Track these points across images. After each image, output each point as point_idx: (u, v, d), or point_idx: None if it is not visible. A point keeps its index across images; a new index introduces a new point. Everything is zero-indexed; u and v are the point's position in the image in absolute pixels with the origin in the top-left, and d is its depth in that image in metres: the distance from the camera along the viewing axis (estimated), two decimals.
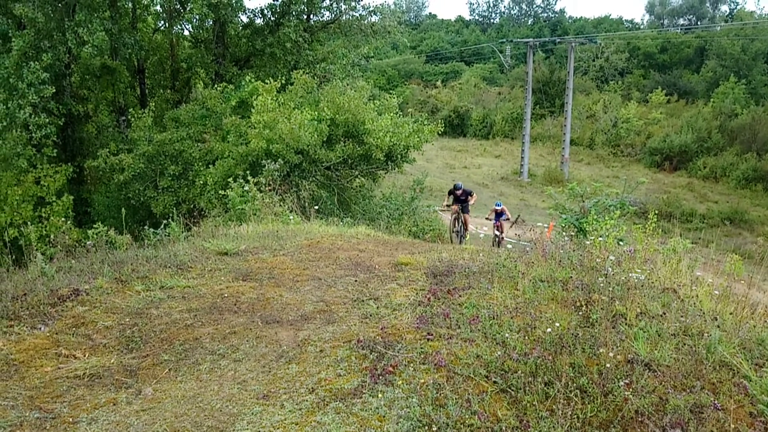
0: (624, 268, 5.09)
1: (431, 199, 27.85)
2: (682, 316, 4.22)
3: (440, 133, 15.93)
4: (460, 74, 66.37)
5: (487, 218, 15.70)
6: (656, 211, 7.47)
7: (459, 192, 13.40)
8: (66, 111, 18.22)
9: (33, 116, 15.64)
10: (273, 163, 11.54)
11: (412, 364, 3.56)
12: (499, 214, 15.20)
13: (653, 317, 4.20)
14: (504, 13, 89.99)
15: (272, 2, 20.83)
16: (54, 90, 16.23)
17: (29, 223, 13.46)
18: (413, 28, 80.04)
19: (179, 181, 15.99)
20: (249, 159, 13.14)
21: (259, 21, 21.46)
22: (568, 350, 3.63)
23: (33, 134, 15.96)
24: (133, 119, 17.66)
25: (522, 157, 38.46)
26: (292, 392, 3.37)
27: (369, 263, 6.33)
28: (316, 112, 13.98)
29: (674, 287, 4.95)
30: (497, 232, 14.71)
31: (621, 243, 6.73)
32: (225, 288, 5.24)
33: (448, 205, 13.90)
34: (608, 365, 3.39)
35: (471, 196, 13.67)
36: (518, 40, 53.03)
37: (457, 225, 13.58)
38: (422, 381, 3.36)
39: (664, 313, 4.27)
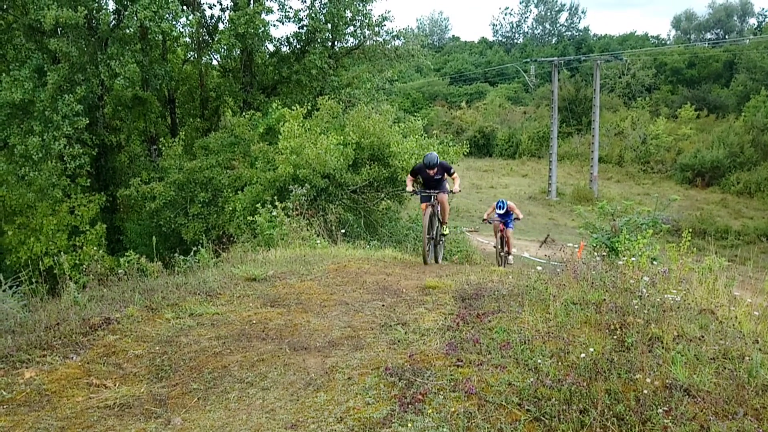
0: (659, 289, 4.95)
1: (458, 220, 27.72)
2: (721, 339, 4.07)
3: (466, 153, 15.91)
4: (484, 95, 66.40)
5: (485, 220, 12.08)
6: (690, 229, 7.29)
7: (432, 171, 8.35)
8: (99, 141, 18.73)
9: (67, 147, 16.11)
10: (300, 187, 11.63)
11: (441, 392, 3.49)
12: (503, 216, 11.51)
13: (691, 340, 4.06)
14: (527, 33, 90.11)
15: (298, 30, 21.22)
16: (88, 121, 16.72)
17: (63, 252, 13.77)
18: (437, 51, 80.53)
19: (209, 208, 16.22)
20: (277, 184, 13.28)
21: (285, 49, 21.87)
22: (604, 376, 3.52)
23: (67, 165, 16.42)
24: (163, 148, 18.05)
25: (550, 176, 38.14)
26: (320, 421, 3.32)
27: (396, 287, 6.29)
28: (342, 137, 14.10)
29: (711, 308, 4.79)
30: (499, 245, 11.67)
31: (654, 262, 6.57)
32: (253, 314, 5.24)
33: (415, 191, 8.76)
34: (645, 391, 3.27)
35: (450, 175, 8.66)
36: (543, 59, 52.95)
37: (433, 224, 8.72)
38: (453, 409, 3.29)
39: (702, 336, 4.13)
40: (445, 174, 8.51)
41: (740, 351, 3.86)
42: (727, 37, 69.89)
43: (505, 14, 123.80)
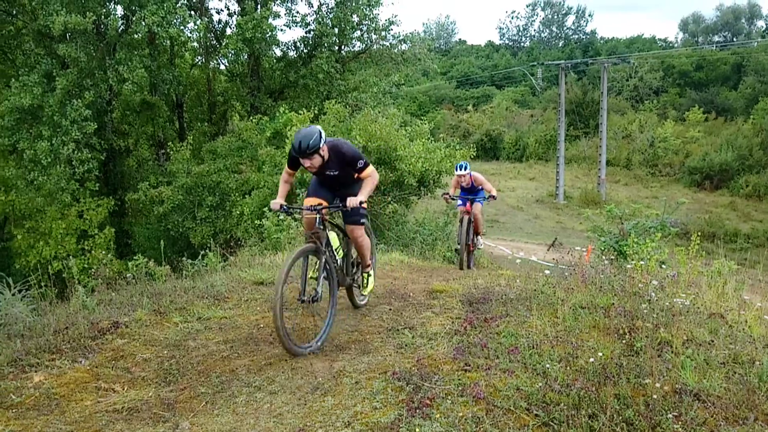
0: (668, 293, 4.92)
1: None
2: (731, 343, 4.04)
3: (473, 157, 15.89)
4: (491, 98, 66.39)
5: (446, 197, 9.31)
6: (699, 232, 7.25)
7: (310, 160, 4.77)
8: (108, 146, 18.84)
9: (76, 152, 16.20)
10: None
11: (449, 397, 3.47)
12: (469, 190, 8.85)
13: (700, 344, 4.03)
14: (534, 36, 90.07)
15: (305, 35, 21.32)
16: (96, 126, 16.82)
17: (72, 255, 13.83)
18: (443, 55, 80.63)
19: (217, 212, 16.28)
20: None
21: (292, 54, 21.97)
22: (613, 381, 3.49)
23: (76, 169, 16.51)
24: (172, 152, 18.13)
25: (557, 179, 38.03)
26: (328, 426, 3.32)
27: (403, 291, 6.28)
28: (349, 140, 14.12)
29: (721, 312, 4.76)
30: (464, 235, 8.75)
31: (663, 266, 6.53)
32: (261, 318, 5.25)
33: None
34: (655, 396, 3.25)
35: (363, 167, 4.92)
36: (550, 62, 52.93)
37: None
38: (461, 414, 3.27)
39: (712, 340, 4.10)
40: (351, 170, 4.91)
41: (750, 355, 3.83)
42: (735, 39, 69.61)
43: (512, 18, 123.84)
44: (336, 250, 4.94)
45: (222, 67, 23.48)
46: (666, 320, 4.34)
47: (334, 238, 4.94)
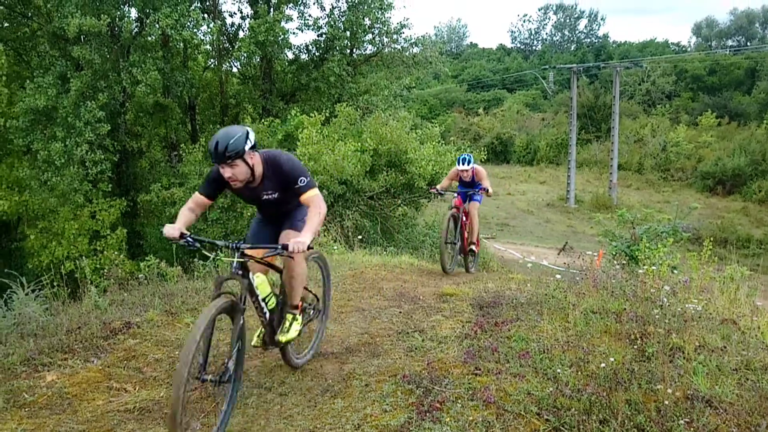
0: (680, 299, 4.89)
1: None
2: (743, 349, 4.01)
3: (483, 160, 15.88)
4: (502, 101, 66.23)
5: (432, 190, 8.61)
6: (711, 238, 7.19)
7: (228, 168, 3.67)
8: (121, 147, 18.97)
9: (89, 153, 16.32)
10: None
11: (459, 401, 3.47)
12: (467, 184, 8.10)
13: (713, 350, 4.00)
14: (546, 40, 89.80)
15: (317, 38, 21.38)
16: (109, 127, 16.94)
17: (84, 256, 13.93)
18: (455, 58, 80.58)
19: (228, 213, 16.33)
20: None
21: (304, 56, 22.03)
22: (624, 386, 3.48)
23: (89, 170, 16.63)
24: (184, 154, 18.22)
25: (568, 183, 37.83)
26: (337, 428, 3.33)
27: (413, 294, 6.28)
28: (360, 143, 14.15)
29: (733, 318, 4.72)
30: (452, 234, 7.83)
31: (675, 271, 6.48)
32: None
33: None
34: (667, 402, 3.23)
35: (305, 187, 3.71)
36: (561, 65, 52.77)
37: None
38: (471, 418, 3.27)
39: (724, 346, 4.07)
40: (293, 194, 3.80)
41: (763, 362, 3.80)
42: (749, 44, 69.04)
43: (524, 21, 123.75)
44: (266, 299, 3.81)
45: (234, 69, 23.58)
46: (678, 326, 4.31)
47: (262, 283, 3.78)
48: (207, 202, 3.85)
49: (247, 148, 3.48)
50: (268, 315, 3.84)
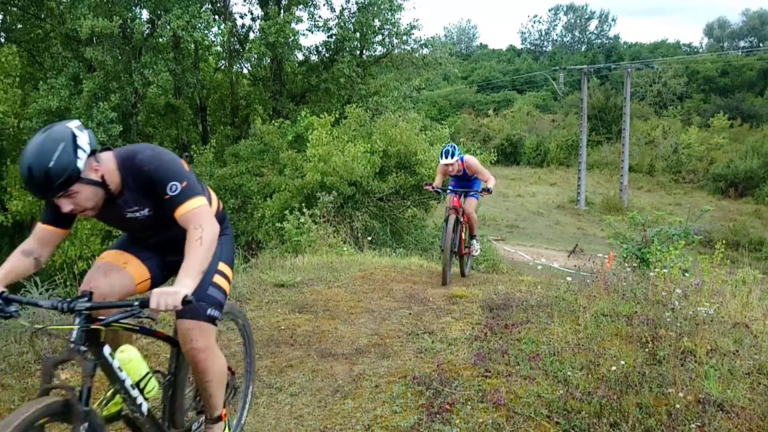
0: (691, 302, 4.87)
1: (484, 228, 27.56)
2: (755, 353, 3.99)
3: (493, 161, 15.86)
4: (512, 102, 66.02)
5: (428, 187, 7.39)
6: (723, 240, 7.14)
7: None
8: None
9: None
10: (327, 195, 11.71)
11: (469, 403, 3.48)
12: (461, 179, 7.25)
13: (725, 354, 3.98)
14: (556, 41, 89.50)
15: (327, 39, 21.44)
16: (121, 128, 17.10)
17: (96, 255, 14.02)
18: (464, 59, 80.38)
19: (238, 214, 16.43)
20: (305, 191, 13.41)
21: (314, 58, 22.12)
22: (635, 389, 3.47)
23: None
24: (195, 155, 18.35)
25: (578, 185, 37.67)
26: (348, 428, 3.34)
27: (423, 295, 6.28)
28: (369, 145, 14.18)
29: (746, 322, 4.69)
30: (450, 229, 6.86)
31: (687, 274, 6.44)
32: (282, 320, 5.29)
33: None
34: (678, 406, 3.22)
35: (179, 196, 2.36)
36: (572, 67, 52.56)
37: None
38: (481, 420, 3.27)
39: (737, 350, 4.04)
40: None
41: None
42: (761, 45, 68.47)
43: (534, 22, 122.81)
44: (141, 385, 2.42)
45: (245, 71, 23.71)
46: (689, 329, 4.29)
47: (131, 361, 2.42)
48: (59, 233, 2.44)
49: (81, 161, 2.14)
50: (146, 410, 2.40)
